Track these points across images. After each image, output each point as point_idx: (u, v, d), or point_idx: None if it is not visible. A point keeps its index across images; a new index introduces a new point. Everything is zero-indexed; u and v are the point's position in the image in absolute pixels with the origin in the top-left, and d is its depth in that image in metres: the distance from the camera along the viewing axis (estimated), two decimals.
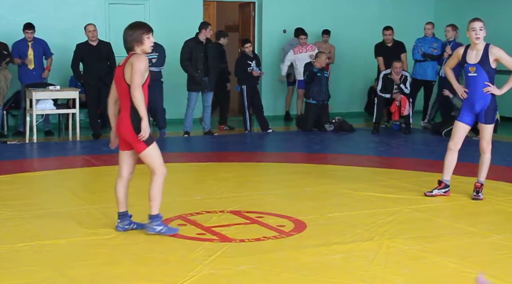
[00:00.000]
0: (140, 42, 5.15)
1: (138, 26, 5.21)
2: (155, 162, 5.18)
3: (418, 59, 11.94)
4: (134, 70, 5.03)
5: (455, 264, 4.63)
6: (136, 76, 5.03)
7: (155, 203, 5.21)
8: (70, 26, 11.97)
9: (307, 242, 5.13)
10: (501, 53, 6.43)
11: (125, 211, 5.37)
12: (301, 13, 13.74)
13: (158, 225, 5.23)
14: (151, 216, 5.23)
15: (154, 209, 5.22)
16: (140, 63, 5.05)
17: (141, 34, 5.15)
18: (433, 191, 6.71)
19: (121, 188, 5.33)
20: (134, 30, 5.17)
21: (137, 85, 5.03)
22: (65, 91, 10.77)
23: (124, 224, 5.35)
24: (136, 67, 5.03)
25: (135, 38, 5.14)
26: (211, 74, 10.98)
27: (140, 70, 5.05)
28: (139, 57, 5.10)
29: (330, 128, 11.70)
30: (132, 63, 5.06)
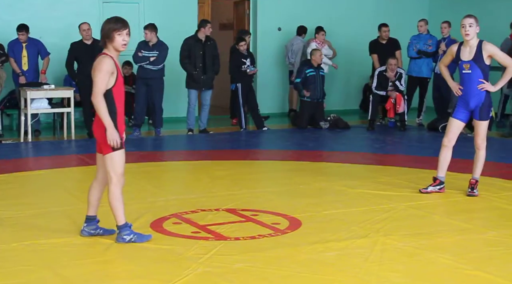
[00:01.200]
0: (110, 38, 4.84)
1: (112, 21, 4.89)
2: (115, 168, 4.88)
3: (413, 56, 11.95)
4: (94, 75, 4.79)
5: (450, 260, 4.64)
6: (96, 82, 4.77)
7: (118, 212, 4.95)
8: (65, 25, 11.95)
9: (302, 239, 5.13)
10: (495, 49, 6.44)
11: (94, 216, 5.16)
12: (296, 10, 13.74)
13: (127, 235, 5.00)
14: (118, 226, 5.01)
15: (119, 219, 4.97)
16: (101, 66, 4.78)
17: (112, 30, 4.83)
18: (428, 188, 6.72)
19: (95, 191, 5.13)
20: (106, 24, 4.88)
21: (96, 92, 4.76)
22: (59, 90, 10.75)
23: (90, 228, 5.16)
24: (96, 72, 4.79)
25: (105, 34, 4.85)
26: (209, 72, 10.98)
27: (100, 76, 4.77)
28: (100, 61, 4.81)
29: (325, 125, 11.70)
30: (94, 67, 4.82)
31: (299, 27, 13.09)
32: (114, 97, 4.89)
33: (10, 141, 10.30)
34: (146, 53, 10.69)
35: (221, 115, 13.70)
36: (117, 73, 4.89)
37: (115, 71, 4.87)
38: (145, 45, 10.73)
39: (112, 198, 4.92)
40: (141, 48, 10.70)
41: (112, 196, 4.92)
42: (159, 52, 10.69)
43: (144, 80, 10.78)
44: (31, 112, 10.34)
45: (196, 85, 10.98)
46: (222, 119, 13.11)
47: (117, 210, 4.95)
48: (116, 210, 4.95)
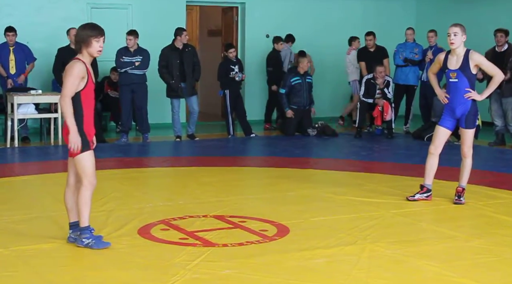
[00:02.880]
0: (87, 44, 4.93)
1: (89, 27, 5.01)
2: (85, 170, 4.95)
3: (399, 64, 12.03)
4: (64, 78, 4.90)
5: (437, 268, 4.65)
6: (65, 85, 4.87)
7: (83, 214, 4.98)
8: (52, 30, 11.92)
9: (290, 246, 5.13)
10: (481, 59, 6.50)
11: (77, 221, 5.13)
12: (284, 18, 13.78)
13: (87, 238, 5.00)
14: (80, 228, 5.02)
15: (82, 221, 5.00)
16: (72, 70, 4.88)
17: (89, 36, 4.93)
18: (415, 196, 6.74)
19: (70, 197, 5.14)
20: (83, 30, 4.99)
21: (64, 95, 4.86)
22: (47, 96, 10.71)
23: (76, 235, 5.13)
24: (67, 75, 4.89)
25: (82, 39, 4.95)
26: (188, 79, 10.98)
27: (70, 79, 4.86)
28: (72, 65, 4.92)
29: (312, 132, 11.73)
30: (66, 70, 4.94)
31: (287, 35, 13.14)
32: (82, 100, 4.95)
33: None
34: (128, 59, 10.69)
35: (210, 121, 13.72)
36: (87, 78, 4.97)
37: (85, 76, 4.95)
38: (126, 51, 10.72)
39: (82, 199, 4.98)
40: (122, 55, 10.69)
41: (82, 198, 4.98)
42: (143, 57, 10.70)
43: (129, 86, 10.77)
44: (18, 117, 10.29)
45: (174, 94, 11.00)
46: (211, 125, 13.12)
47: (84, 212, 5.00)
48: (83, 211, 5.00)
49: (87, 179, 4.97)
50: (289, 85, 11.82)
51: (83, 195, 4.98)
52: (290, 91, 11.82)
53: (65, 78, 4.89)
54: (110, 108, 12.13)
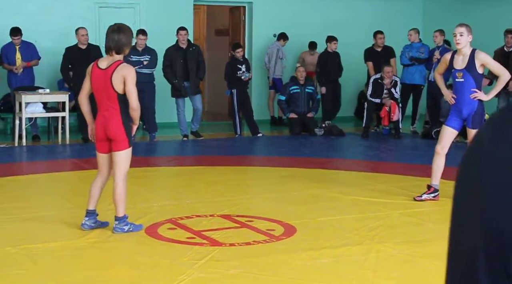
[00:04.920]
0: (129, 46, 5.34)
1: (130, 30, 5.38)
2: (126, 164, 5.33)
3: (405, 63, 12.00)
4: (131, 87, 5.27)
5: (444, 268, 4.63)
6: (135, 93, 5.31)
7: (122, 205, 5.33)
8: (59, 29, 11.94)
9: (297, 246, 5.14)
10: (487, 58, 6.48)
11: (94, 210, 5.46)
12: (292, 17, 13.77)
13: (126, 225, 5.36)
14: (118, 218, 5.35)
15: (120, 211, 5.34)
16: (134, 77, 5.32)
17: (132, 38, 5.34)
18: (422, 196, 6.73)
19: (98, 186, 5.43)
20: (128, 33, 5.31)
21: (137, 103, 5.38)
22: (54, 94, 10.74)
23: (91, 222, 5.44)
24: (131, 83, 5.28)
25: (129, 42, 5.31)
26: (192, 78, 10.99)
27: (134, 84, 5.32)
28: (130, 70, 5.30)
29: (320, 132, 11.73)
30: (125, 76, 5.23)
31: (280, 33, 13.17)
32: None
33: (5, 145, 10.27)
34: (136, 58, 10.72)
35: (217, 120, 13.73)
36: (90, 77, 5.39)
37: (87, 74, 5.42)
38: (133, 50, 10.73)
39: (121, 192, 5.30)
40: (130, 54, 10.70)
41: (121, 190, 5.30)
42: (151, 56, 10.73)
43: (137, 85, 10.75)
44: (26, 116, 10.32)
45: (178, 94, 11.02)
46: (218, 125, 13.13)
47: (121, 202, 5.32)
48: (122, 203, 5.33)
49: (125, 172, 5.31)
50: (288, 93, 11.96)
51: (122, 187, 5.30)
52: (289, 99, 11.95)
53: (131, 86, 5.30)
54: None
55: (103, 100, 5.29)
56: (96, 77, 5.28)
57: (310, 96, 12.09)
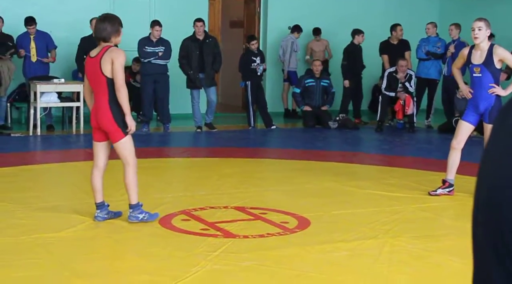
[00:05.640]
0: (117, 34, 5.25)
1: (117, 19, 5.30)
2: (129, 152, 5.29)
3: (421, 57, 11.93)
4: (117, 66, 5.13)
5: (458, 263, 4.61)
6: (121, 72, 5.14)
7: (133, 192, 5.33)
8: (75, 20, 11.96)
9: (311, 239, 5.12)
10: (506, 53, 6.42)
11: (103, 201, 5.45)
12: (306, 9, 13.72)
13: (140, 213, 5.35)
14: (132, 205, 5.35)
15: (133, 199, 5.34)
16: (123, 59, 5.18)
17: (120, 26, 5.25)
18: (437, 191, 6.69)
19: (98, 178, 5.41)
20: (113, 22, 5.25)
21: (123, 82, 5.16)
22: (69, 84, 10.76)
23: (103, 213, 5.43)
24: (119, 62, 5.14)
25: (115, 30, 5.23)
26: (207, 70, 10.97)
27: (123, 66, 5.18)
28: (119, 52, 5.18)
29: (333, 125, 11.70)
30: (113, 57, 5.14)
31: (294, 26, 13.13)
32: None
33: (19, 134, 10.31)
34: (150, 49, 10.72)
35: (231, 112, 13.71)
36: None
37: None
38: (148, 41, 10.74)
39: (130, 178, 5.30)
40: (145, 45, 10.72)
41: (130, 176, 5.30)
42: (165, 47, 10.74)
43: (152, 76, 10.82)
44: (41, 105, 10.35)
45: (193, 85, 11.01)
46: (232, 116, 13.11)
47: (133, 190, 5.33)
48: (132, 189, 5.33)
49: (133, 159, 5.28)
50: (303, 85, 11.92)
51: (132, 175, 5.28)
52: (304, 91, 11.91)
53: (118, 68, 5.13)
54: (131, 98, 12.14)
55: (95, 89, 5.29)
56: (88, 67, 5.31)
57: (325, 89, 12.06)
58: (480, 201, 1.10)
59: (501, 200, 1.05)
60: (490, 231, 1.06)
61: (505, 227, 1.00)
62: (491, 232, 1.05)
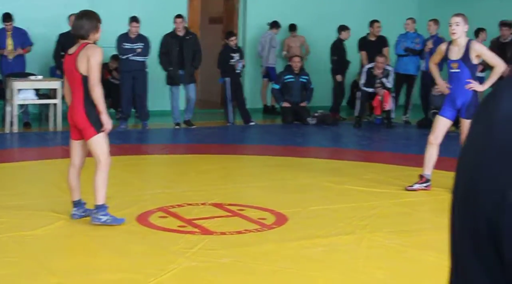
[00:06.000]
0: (95, 31, 5.19)
1: (95, 15, 5.26)
2: (101, 151, 5.20)
3: (400, 54, 11.99)
4: (93, 64, 5.07)
5: (435, 258, 4.64)
6: (96, 69, 5.08)
7: (100, 193, 5.20)
8: (53, 16, 11.86)
9: (288, 235, 5.13)
10: (483, 49, 6.47)
11: (80, 199, 5.40)
12: (286, 6, 13.71)
13: (104, 215, 5.21)
14: (97, 206, 5.22)
15: (99, 199, 5.21)
16: (99, 57, 5.11)
17: (98, 22, 5.21)
18: (414, 186, 6.73)
19: (74, 176, 5.36)
20: (91, 18, 5.21)
21: (97, 80, 5.10)
22: (47, 81, 10.68)
23: (80, 211, 5.38)
24: (95, 60, 5.08)
25: (93, 26, 5.18)
26: (187, 67, 10.95)
27: (99, 64, 5.12)
28: (95, 50, 5.12)
29: (312, 121, 11.72)
30: (89, 54, 5.08)
31: (273, 22, 13.13)
32: None
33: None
34: (129, 46, 10.66)
35: (210, 109, 13.69)
36: None
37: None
38: (127, 38, 10.68)
39: (99, 177, 5.19)
40: (123, 41, 10.65)
41: (100, 176, 5.19)
42: (144, 44, 10.69)
43: (130, 72, 10.76)
44: (18, 102, 10.26)
45: (172, 81, 10.98)
46: (211, 113, 13.09)
47: (100, 190, 5.20)
48: (100, 190, 5.19)
49: (104, 158, 5.19)
50: (282, 81, 11.95)
51: (102, 174, 5.17)
52: (283, 88, 11.94)
53: (93, 66, 5.05)
54: (110, 95, 12.09)
55: (71, 86, 5.24)
56: (65, 65, 5.27)
57: (304, 85, 12.09)
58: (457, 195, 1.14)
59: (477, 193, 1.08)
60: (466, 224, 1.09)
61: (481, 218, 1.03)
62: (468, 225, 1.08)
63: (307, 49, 13.40)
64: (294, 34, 13.38)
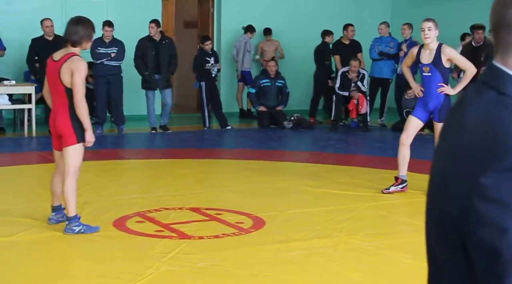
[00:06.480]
0: (88, 40, 5.16)
1: (90, 23, 5.20)
2: (74, 162, 5.11)
3: (375, 58, 12.07)
4: (77, 80, 5.01)
5: (411, 260, 4.69)
6: (80, 85, 5.03)
7: (70, 204, 5.12)
8: (26, 21, 11.77)
9: (265, 239, 5.14)
10: (454, 53, 6.52)
11: (60, 205, 5.38)
12: (260, 10, 13.75)
13: (77, 226, 5.13)
14: (68, 217, 5.15)
15: (70, 210, 5.13)
16: (84, 71, 5.06)
17: (93, 31, 5.17)
18: (390, 188, 6.77)
19: (58, 182, 5.31)
20: (88, 26, 5.15)
21: (82, 96, 5.05)
22: (20, 86, 10.59)
23: (58, 217, 5.36)
24: (79, 75, 5.02)
25: (88, 35, 5.14)
26: (163, 72, 10.92)
27: (83, 79, 5.06)
28: (80, 64, 5.05)
29: (288, 125, 11.75)
30: (73, 69, 5.02)
31: (247, 26, 13.16)
32: None
33: None
34: (103, 50, 10.61)
35: (186, 113, 13.67)
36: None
37: None
38: (101, 42, 10.62)
39: (69, 189, 5.09)
40: (97, 46, 10.57)
41: (69, 187, 5.09)
42: (119, 48, 10.64)
43: (104, 77, 10.70)
44: None
45: (148, 86, 10.94)
46: (187, 117, 13.08)
47: (71, 202, 5.11)
48: (71, 201, 5.11)
49: (76, 170, 5.11)
50: (258, 85, 11.98)
51: (71, 185, 5.09)
52: (259, 92, 11.97)
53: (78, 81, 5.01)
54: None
55: (54, 94, 5.17)
56: (48, 69, 5.19)
57: (280, 89, 12.12)
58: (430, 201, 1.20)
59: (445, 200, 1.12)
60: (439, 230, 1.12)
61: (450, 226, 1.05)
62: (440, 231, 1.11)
63: (282, 54, 13.43)
64: (269, 38, 13.42)
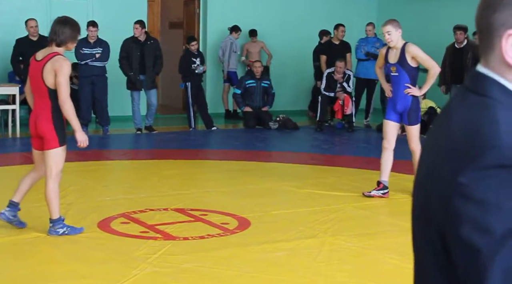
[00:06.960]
0: (74, 41, 5.10)
1: (78, 25, 5.15)
2: (57, 164, 5.03)
3: (361, 58, 12.11)
4: (61, 80, 4.93)
5: (395, 260, 4.71)
6: (65, 85, 4.95)
7: (53, 207, 5.05)
8: (10, 21, 11.70)
9: (251, 239, 5.14)
10: (417, 51, 6.43)
11: (18, 203, 5.23)
12: (246, 10, 13.76)
13: (61, 228, 5.09)
14: (52, 220, 5.09)
15: (54, 213, 5.07)
16: (67, 71, 4.98)
17: (78, 33, 5.13)
18: (371, 192, 6.67)
19: (28, 180, 5.23)
20: (74, 27, 5.09)
21: (67, 96, 4.96)
22: (4, 87, 10.52)
23: (11, 214, 5.21)
24: (63, 75, 4.94)
25: (74, 36, 5.08)
26: (148, 72, 10.90)
27: (67, 79, 4.99)
28: (63, 63, 4.95)
29: (274, 126, 11.77)
30: (56, 69, 4.93)
31: (233, 26, 13.16)
32: None
33: None
34: (88, 51, 10.57)
35: (171, 114, 13.65)
36: None
37: None
38: (86, 42, 10.56)
39: (51, 191, 5.01)
40: (82, 46, 10.50)
41: (51, 190, 5.01)
42: (103, 49, 10.59)
43: (89, 78, 10.65)
44: None
45: (133, 86, 10.91)
46: (173, 118, 13.06)
47: (54, 204, 5.04)
48: (53, 203, 5.04)
49: (58, 173, 5.02)
50: (244, 86, 11.99)
51: (53, 187, 5.01)
52: (244, 92, 11.98)
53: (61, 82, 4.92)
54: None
55: (36, 95, 5.09)
56: (31, 69, 5.11)
57: (266, 90, 12.14)
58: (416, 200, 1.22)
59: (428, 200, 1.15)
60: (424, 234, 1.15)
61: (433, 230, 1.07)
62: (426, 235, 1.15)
63: (269, 54, 13.43)
64: (254, 39, 13.43)
